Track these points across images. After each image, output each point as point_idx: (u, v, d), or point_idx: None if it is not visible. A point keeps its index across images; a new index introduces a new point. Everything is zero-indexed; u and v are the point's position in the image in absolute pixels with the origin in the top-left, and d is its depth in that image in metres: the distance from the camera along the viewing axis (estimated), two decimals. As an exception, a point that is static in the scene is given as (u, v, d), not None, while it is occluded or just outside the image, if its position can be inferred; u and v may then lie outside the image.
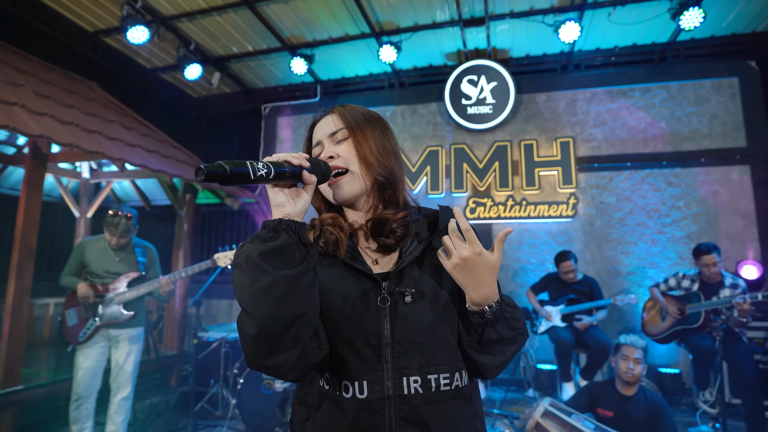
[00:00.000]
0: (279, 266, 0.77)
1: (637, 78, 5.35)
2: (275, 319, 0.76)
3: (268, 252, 0.76)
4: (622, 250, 5.13)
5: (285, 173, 0.79)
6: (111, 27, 5.00)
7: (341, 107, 1.02)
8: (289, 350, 0.80)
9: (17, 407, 3.44)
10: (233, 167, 0.71)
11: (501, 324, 0.88)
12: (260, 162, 0.76)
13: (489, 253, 0.87)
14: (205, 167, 0.68)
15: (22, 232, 3.53)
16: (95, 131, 3.98)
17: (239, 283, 0.78)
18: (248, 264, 0.77)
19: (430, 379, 0.87)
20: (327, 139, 0.98)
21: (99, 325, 3.05)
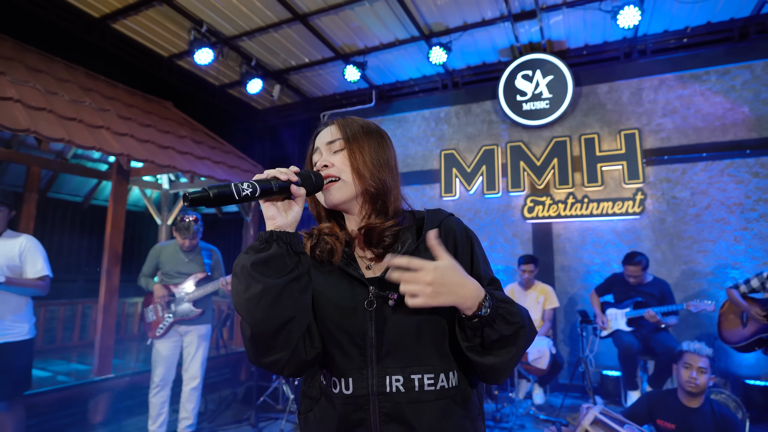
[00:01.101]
0: (269, 275, 0.84)
1: (714, 59, 4.88)
2: (266, 323, 0.85)
3: (259, 262, 0.85)
4: (699, 249, 4.70)
5: (272, 189, 0.86)
6: (182, 51, 5.50)
7: (342, 119, 1.06)
8: (281, 350, 0.88)
9: (109, 393, 3.92)
10: (217, 191, 0.79)
11: (498, 322, 0.87)
12: (245, 182, 0.83)
13: (438, 262, 0.85)
14: (189, 194, 0.77)
15: (110, 239, 4.01)
16: (168, 147, 4.41)
17: (235, 290, 0.88)
18: (242, 273, 0.86)
19: (413, 378, 0.91)
20: (325, 147, 1.02)
21: (172, 321, 3.38)
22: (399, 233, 1.01)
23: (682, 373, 2.61)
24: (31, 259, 2.74)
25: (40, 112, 3.42)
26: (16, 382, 2.68)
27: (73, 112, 3.73)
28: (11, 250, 2.70)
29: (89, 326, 5.57)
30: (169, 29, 5.09)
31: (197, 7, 4.71)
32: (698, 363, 2.56)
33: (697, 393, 2.56)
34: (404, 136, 6.35)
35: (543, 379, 4.38)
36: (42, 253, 2.81)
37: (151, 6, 4.67)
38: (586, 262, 5.15)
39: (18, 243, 2.73)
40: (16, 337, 2.67)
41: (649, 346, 3.87)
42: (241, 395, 4.55)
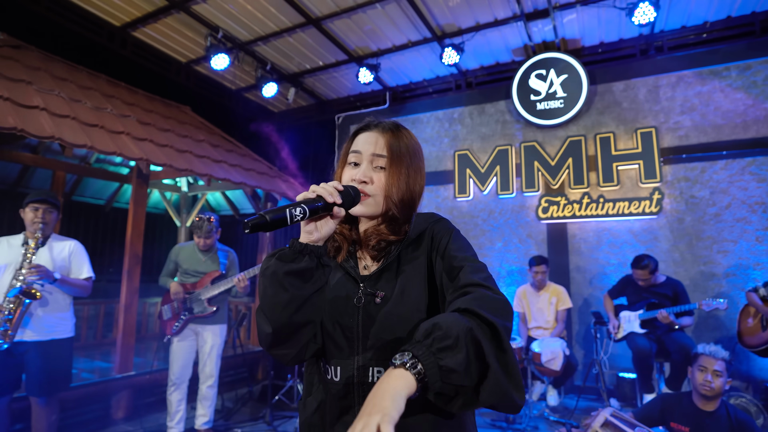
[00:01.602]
0: (298, 286, 0.91)
1: (734, 55, 4.77)
2: (286, 326, 0.93)
3: (290, 272, 0.91)
4: (719, 249, 4.60)
5: (317, 211, 0.90)
6: (199, 56, 5.63)
7: (393, 131, 1.05)
8: (292, 347, 0.96)
9: (130, 390, 4.04)
10: (273, 216, 0.83)
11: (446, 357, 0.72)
12: (297, 207, 0.86)
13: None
14: (249, 221, 0.81)
15: (131, 242, 4.14)
16: (186, 151, 4.53)
17: (263, 292, 0.94)
18: (273, 279, 0.92)
19: None
20: (368, 157, 1.03)
21: (188, 318, 3.48)
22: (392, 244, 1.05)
23: (696, 375, 2.57)
24: (78, 261, 2.90)
25: (64, 119, 3.56)
26: (60, 379, 2.80)
27: (95, 119, 3.87)
28: (61, 252, 2.85)
29: (112, 325, 5.75)
30: (186, 36, 5.22)
31: (213, 14, 4.83)
32: (713, 366, 2.52)
33: (712, 396, 2.52)
34: (418, 137, 6.19)
35: (557, 380, 4.35)
36: (87, 256, 2.97)
37: (169, 14, 4.81)
38: (602, 263, 5.08)
39: (67, 246, 2.89)
40: (62, 334, 2.80)
41: (664, 347, 3.81)
42: (257, 394, 4.64)
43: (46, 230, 2.76)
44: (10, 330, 2.55)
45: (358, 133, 1.08)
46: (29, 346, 2.68)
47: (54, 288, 2.74)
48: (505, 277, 5.51)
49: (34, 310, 2.69)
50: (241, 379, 5.17)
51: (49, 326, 2.74)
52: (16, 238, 2.78)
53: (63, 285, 2.74)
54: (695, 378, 2.58)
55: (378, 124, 1.08)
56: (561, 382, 4.38)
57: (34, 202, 2.72)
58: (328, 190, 0.91)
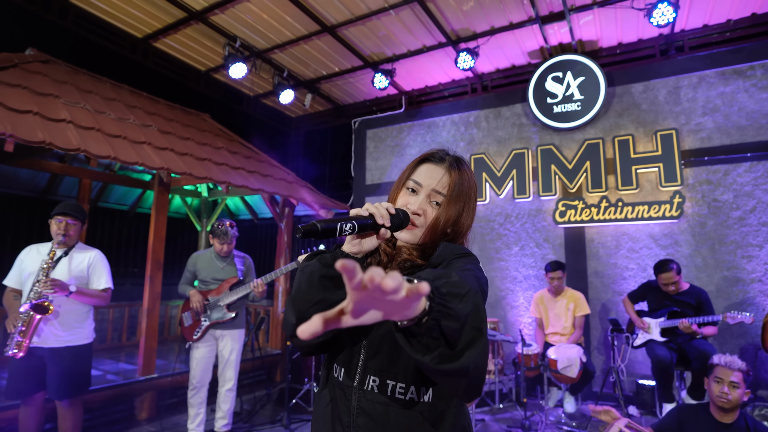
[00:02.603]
0: (330, 289, 0.95)
1: (759, 53, 4.63)
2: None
3: (327, 276, 0.95)
4: (743, 254, 4.48)
5: (366, 227, 0.94)
6: (218, 65, 5.76)
7: (457, 171, 1.07)
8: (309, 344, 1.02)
9: (153, 392, 4.17)
10: (324, 225, 0.88)
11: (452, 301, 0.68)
12: (348, 223, 0.90)
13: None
14: (301, 227, 0.86)
15: (153, 248, 4.27)
16: (205, 159, 4.64)
17: (298, 286, 0.99)
18: (309, 278, 0.97)
19: (388, 383, 0.99)
20: (428, 190, 1.06)
21: (208, 325, 3.57)
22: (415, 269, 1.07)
23: (713, 387, 2.52)
24: (97, 272, 2.97)
25: (89, 131, 3.70)
26: (79, 383, 2.91)
27: (118, 130, 4.01)
28: (81, 263, 2.94)
29: (136, 327, 5.93)
30: (205, 45, 5.35)
31: (231, 24, 4.93)
32: (730, 377, 2.47)
33: (729, 408, 2.47)
34: (434, 141, 6.37)
35: (574, 387, 4.30)
36: (107, 267, 3.04)
37: (188, 25, 4.93)
38: (621, 268, 5.00)
39: (87, 257, 2.97)
40: (79, 341, 2.90)
41: (685, 355, 3.73)
42: (275, 397, 4.73)
43: (69, 241, 2.87)
44: (24, 341, 2.64)
45: (424, 162, 1.10)
46: (45, 352, 2.78)
47: (70, 299, 2.82)
48: (522, 282, 5.48)
49: (50, 320, 2.78)
50: (259, 382, 5.27)
51: (66, 335, 2.83)
52: (46, 246, 2.90)
53: (79, 297, 2.81)
54: (711, 390, 2.53)
55: (444, 159, 1.10)
56: (578, 389, 4.33)
57: (58, 215, 2.83)
58: (380, 211, 0.95)
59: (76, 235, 2.94)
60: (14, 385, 2.80)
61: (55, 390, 2.79)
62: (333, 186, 7.42)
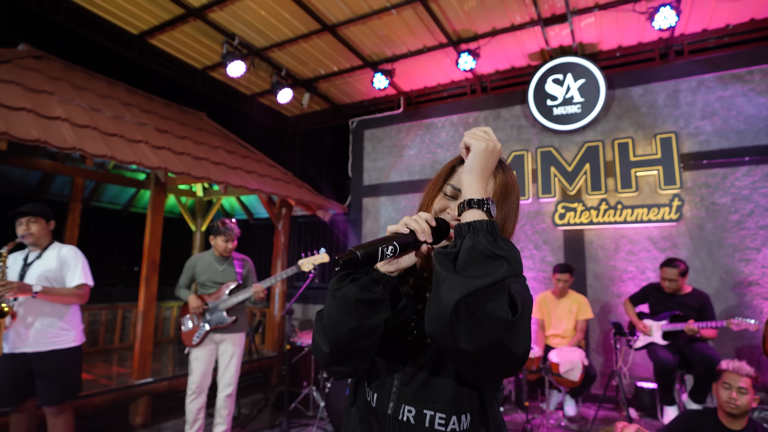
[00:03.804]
0: (366, 314, 0.88)
1: (757, 58, 4.66)
2: (346, 350, 0.92)
3: (362, 300, 0.88)
4: (741, 257, 4.51)
5: (408, 247, 0.88)
6: (215, 63, 5.66)
7: (503, 172, 0.99)
8: (348, 367, 0.96)
9: (149, 396, 4.08)
10: (364, 252, 0.80)
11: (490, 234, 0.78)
12: (389, 246, 0.83)
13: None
14: (341, 259, 0.79)
15: (149, 249, 4.18)
16: (203, 158, 4.56)
17: (329, 313, 0.92)
18: (342, 303, 0.89)
19: (426, 414, 0.93)
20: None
21: (208, 330, 3.50)
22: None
23: (721, 393, 2.51)
24: (70, 268, 2.83)
25: (84, 129, 3.61)
26: (68, 388, 2.81)
27: (114, 128, 3.91)
28: (51, 262, 2.82)
29: (129, 329, 5.82)
30: (202, 43, 5.25)
31: (229, 21, 4.85)
32: (738, 383, 2.46)
33: (738, 414, 2.47)
34: (432, 142, 6.34)
35: (575, 390, 4.30)
36: (81, 262, 2.88)
37: (185, 22, 4.84)
38: (620, 270, 5.01)
39: (58, 252, 2.84)
40: (66, 344, 2.79)
41: (686, 358, 3.74)
42: (272, 400, 4.66)
43: (36, 240, 2.79)
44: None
45: (462, 164, 1.00)
46: (31, 357, 2.69)
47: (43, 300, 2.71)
48: (521, 284, 5.46)
49: (32, 322, 2.69)
50: (256, 385, 5.20)
51: (49, 337, 2.74)
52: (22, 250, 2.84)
53: (47, 297, 2.68)
54: (720, 395, 2.53)
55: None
56: (579, 392, 4.33)
57: (17, 216, 2.77)
58: (422, 227, 0.88)
59: (42, 232, 2.83)
60: (3, 392, 2.72)
61: (44, 396, 2.71)
62: (330, 186, 7.36)
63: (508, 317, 0.71)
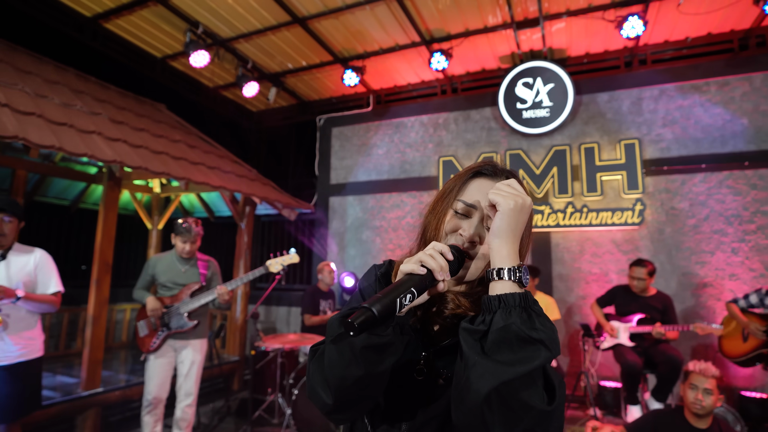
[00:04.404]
0: (375, 361, 0.76)
1: (713, 71, 4.89)
2: (352, 400, 0.81)
3: (371, 347, 0.75)
4: (697, 260, 4.71)
5: (426, 289, 0.77)
6: (176, 52, 5.35)
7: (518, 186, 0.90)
8: (352, 414, 0.87)
9: (98, 408, 3.78)
10: (380, 307, 0.69)
11: (524, 311, 0.71)
12: (408, 294, 0.73)
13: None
14: (357, 323, 0.67)
15: (101, 248, 3.87)
16: (162, 152, 4.28)
17: (331, 362, 0.79)
18: (347, 351, 0.77)
19: None
20: (485, 214, 0.87)
21: (166, 334, 3.26)
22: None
23: (688, 394, 2.57)
24: (46, 274, 2.65)
25: (29, 117, 3.28)
26: (30, 402, 2.57)
27: (63, 117, 3.59)
28: (26, 265, 2.58)
29: (76, 335, 5.40)
30: (163, 30, 4.95)
31: (193, 8, 4.58)
32: (704, 384, 2.52)
33: (703, 414, 2.53)
34: (402, 142, 6.28)
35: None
36: (55, 268, 2.72)
37: (145, 6, 4.53)
38: (585, 272, 5.12)
39: (32, 258, 2.63)
40: (30, 355, 2.55)
41: (651, 358, 3.85)
42: (234, 408, 4.44)
43: (5, 242, 2.51)
44: None
45: (474, 178, 0.91)
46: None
47: (16, 306, 2.48)
48: (489, 285, 5.49)
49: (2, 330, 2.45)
50: (216, 391, 4.95)
51: (16, 348, 2.49)
52: None
53: (27, 303, 2.48)
54: (687, 396, 2.58)
55: (499, 173, 0.92)
56: (546, 393, 4.37)
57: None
58: (440, 264, 0.77)
59: (13, 234, 2.58)
60: None
61: (7, 412, 2.43)
62: (296, 185, 7.16)
63: (545, 406, 0.65)
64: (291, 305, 6.54)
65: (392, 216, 6.16)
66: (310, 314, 4.68)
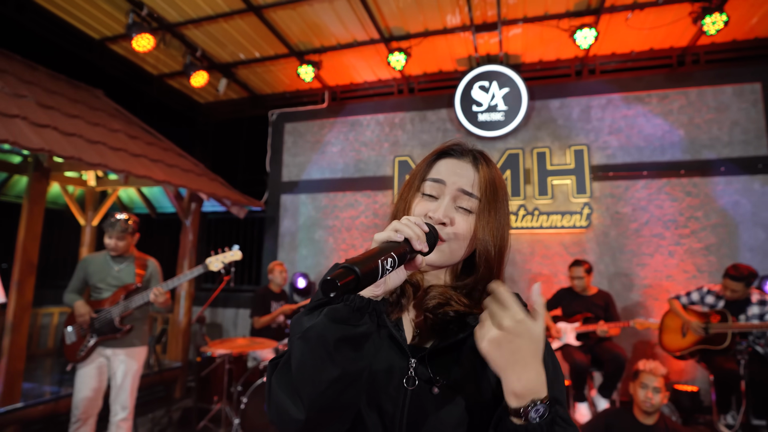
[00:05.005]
0: (351, 357, 0.67)
1: (655, 84, 5.18)
2: (327, 410, 0.68)
3: (346, 339, 0.66)
4: (638, 262, 4.96)
5: (406, 259, 0.69)
6: (117, 34, 4.94)
7: (487, 167, 0.86)
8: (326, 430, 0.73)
9: (17, 425, 3.39)
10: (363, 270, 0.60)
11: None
12: (389, 258, 0.64)
13: (531, 320, 0.67)
14: (337, 280, 0.57)
15: (24, 246, 3.48)
16: (98, 142, 3.92)
17: (301, 363, 0.68)
18: (319, 346, 0.66)
19: None
20: (454, 191, 0.82)
21: (96, 341, 2.97)
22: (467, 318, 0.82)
23: (638, 392, 2.66)
24: None
25: (-63, 95, 2.88)
26: None
27: (-20, 97, 3.19)
28: None
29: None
30: (102, 9, 4.54)
31: (136, -12, 4.25)
32: (654, 383, 2.62)
33: (652, 411, 2.63)
34: (357, 140, 6.17)
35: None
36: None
37: (81, -19, 4.15)
38: (535, 274, 5.26)
39: None
40: None
41: (597, 356, 3.99)
42: (177, 418, 4.15)
43: None
44: None
45: (441, 158, 0.86)
46: None
47: None
48: (443, 286, 5.51)
49: None
50: (156, 400, 4.62)
51: None
52: None
53: None
54: (637, 395, 2.67)
55: (469, 152, 0.87)
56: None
57: None
58: (416, 232, 0.70)
59: None
60: None
61: None
62: (246, 181, 6.86)
63: None
64: (239, 307, 6.25)
65: (346, 215, 6.04)
66: (260, 316, 4.47)
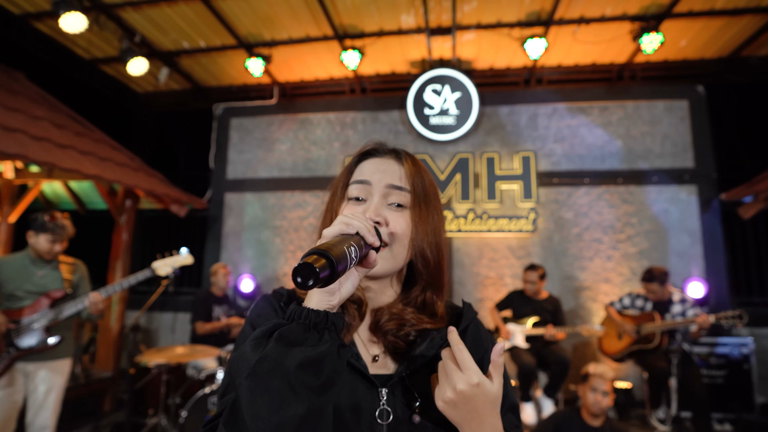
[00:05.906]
0: (315, 388, 0.57)
1: (596, 96, 5.45)
2: None
3: (308, 364, 0.56)
4: (579, 266, 5.19)
5: (361, 252, 0.62)
6: (42, 11, 4.47)
7: (411, 161, 0.82)
8: None
9: None
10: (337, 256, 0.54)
11: None
12: (352, 246, 0.59)
13: (488, 382, 0.66)
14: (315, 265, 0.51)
15: None
16: (17, 129, 3.51)
17: (256, 405, 0.55)
18: (278, 379, 0.55)
19: None
20: (382, 188, 0.77)
21: (13, 356, 2.65)
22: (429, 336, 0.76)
23: (588, 395, 2.75)
24: None
25: None
26: None
27: None
28: None
29: None
30: (23, -18, 4.10)
31: (66, -38, 3.86)
32: (603, 387, 2.72)
33: (600, 414, 2.73)
34: (307, 139, 6.01)
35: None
36: None
37: (-1, -51, 3.70)
38: (482, 276, 5.36)
39: None
40: None
41: (543, 359, 4.12)
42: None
43: None
44: None
45: (363, 159, 0.81)
46: None
47: None
48: (393, 289, 5.48)
49: None
50: (82, 415, 4.22)
51: None
52: None
53: None
54: (587, 398, 2.76)
55: (392, 150, 0.82)
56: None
57: None
58: (366, 225, 0.63)
59: None
60: None
61: None
62: (187, 178, 6.48)
63: None
64: (177, 311, 5.88)
65: (294, 216, 5.87)
66: (203, 321, 4.21)
